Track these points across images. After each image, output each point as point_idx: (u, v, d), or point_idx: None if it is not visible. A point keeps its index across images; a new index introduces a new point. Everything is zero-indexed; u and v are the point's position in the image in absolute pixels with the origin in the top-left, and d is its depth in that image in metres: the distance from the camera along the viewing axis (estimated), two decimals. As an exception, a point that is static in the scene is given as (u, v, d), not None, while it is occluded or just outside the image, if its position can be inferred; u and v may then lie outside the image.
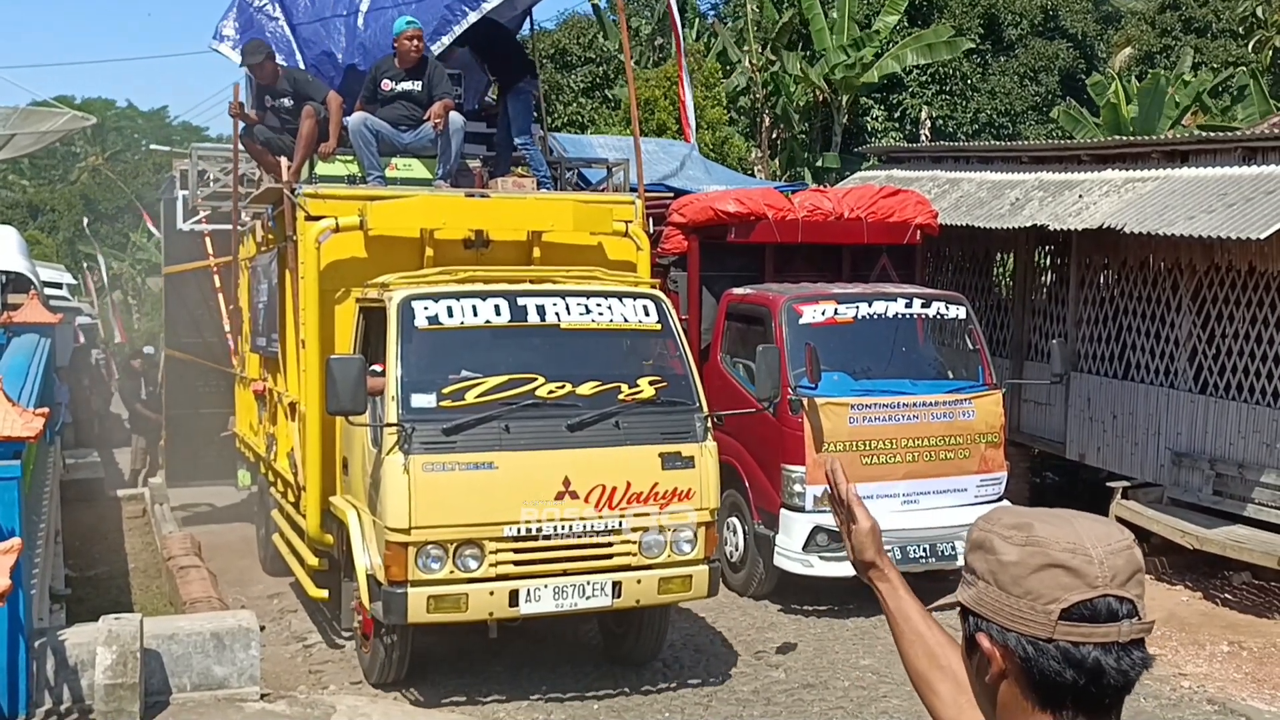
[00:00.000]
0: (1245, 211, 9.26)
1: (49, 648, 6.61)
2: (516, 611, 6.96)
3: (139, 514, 13.67)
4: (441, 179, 8.96)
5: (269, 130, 9.32)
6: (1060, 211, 11.22)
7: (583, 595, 7.05)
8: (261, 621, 8.39)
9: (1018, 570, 1.54)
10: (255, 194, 9.75)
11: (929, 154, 15.51)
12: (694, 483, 7.23)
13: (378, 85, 9.16)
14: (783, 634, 8.92)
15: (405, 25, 9.03)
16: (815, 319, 9.57)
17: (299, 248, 8.15)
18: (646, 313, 7.59)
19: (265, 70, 9.24)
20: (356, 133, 8.88)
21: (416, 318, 7.12)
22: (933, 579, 9.80)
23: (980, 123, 27.76)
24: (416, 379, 7.02)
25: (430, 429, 6.85)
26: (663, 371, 7.58)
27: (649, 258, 8.83)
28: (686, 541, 7.25)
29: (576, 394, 7.18)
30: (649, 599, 7.26)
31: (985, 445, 9.66)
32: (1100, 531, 1.59)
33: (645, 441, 7.18)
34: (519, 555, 6.92)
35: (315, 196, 8.23)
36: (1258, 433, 10.25)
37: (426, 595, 6.76)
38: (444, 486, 6.80)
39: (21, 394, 7.64)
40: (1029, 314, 13.37)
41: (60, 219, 49.08)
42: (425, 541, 6.76)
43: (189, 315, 13.71)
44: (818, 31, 25.50)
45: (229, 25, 9.87)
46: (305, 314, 8.09)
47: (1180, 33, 28.02)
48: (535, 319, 7.33)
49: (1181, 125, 22.04)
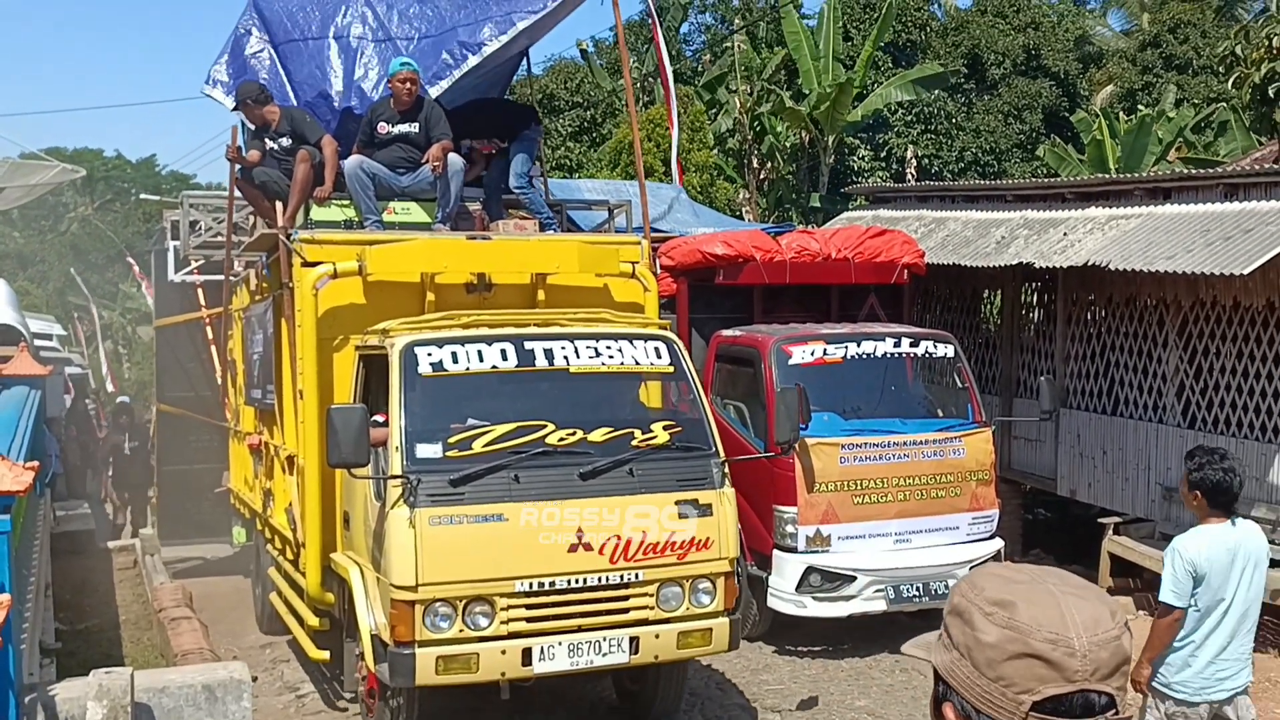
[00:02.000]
0: (1228, 247, 9.34)
1: (39, 703, 6.56)
2: (530, 671, 6.63)
3: (130, 565, 13.60)
4: (441, 222, 8.81)
5: (266, 172, 9.18)
6: (1046, 249, 11.31)
7: (599, 652, 6.71)
8: (254, 672, 8.34)
9: (994, 653, 1.48)
10: (250, 241, 9.58)
11: (915, 193, 15.63)
12: (712, 531, 6.91)
13: (374, 128, 9.05)
14: (778, 675, 8.89)
15: (399, 67, 8.91)
16: (805, 359, 9.60)
17: (295, 295, 7.93)
18: (658, 355, 7.33)
19: (256, 114, 9.16)
20: (353, 176, 8.75)
21: (420, 364, 6.86)
22: (925, 618, 9.80)
23: (965, 161, 28.02)
24: (421, 428, 6.75)
25: (436, 480, 6.55)
26: (676, 415, 7.34)
27: (656, 299, 8.61)
28: (705, 593, 6.93)
29: (588, 441, 6.88)
30: (668, 654, 6.95)
31: (976, 483, 9.68)
32: (1088, 616, 1.49)
33: (661, 489, 6.87)
34: (531, 612, 6.60)
35: (311, 241, 8.02)
36: (1247, 467, 10.27)
37: (435, 656, 6.44)
38: (452, 541, 6.49)
39: (11, 447, 7.63)
40: (1017, 351, 13.43)
41: (50, 269, 49.09)
42: (433, 599, 6.44)
43: (181, 368, 13.49)
44: (804, 72, 25.78)
45: (221, 69, 9.77)
46: (303, 363, 7.85)
47: (1161, 70, 28.34)
48: (543, 363, 7.04)
49: (1166, 161, 22.26)
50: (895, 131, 28.06)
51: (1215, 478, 5.40)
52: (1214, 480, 5.40)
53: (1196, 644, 5.37)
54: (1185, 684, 5.38)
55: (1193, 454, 5.63)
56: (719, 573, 6.96)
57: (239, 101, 9.23)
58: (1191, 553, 5.36)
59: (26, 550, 8.38)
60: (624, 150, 23.21)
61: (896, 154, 27.67)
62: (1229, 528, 5.43)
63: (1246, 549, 5.44)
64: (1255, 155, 16.84)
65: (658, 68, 13.82)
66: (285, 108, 9.38)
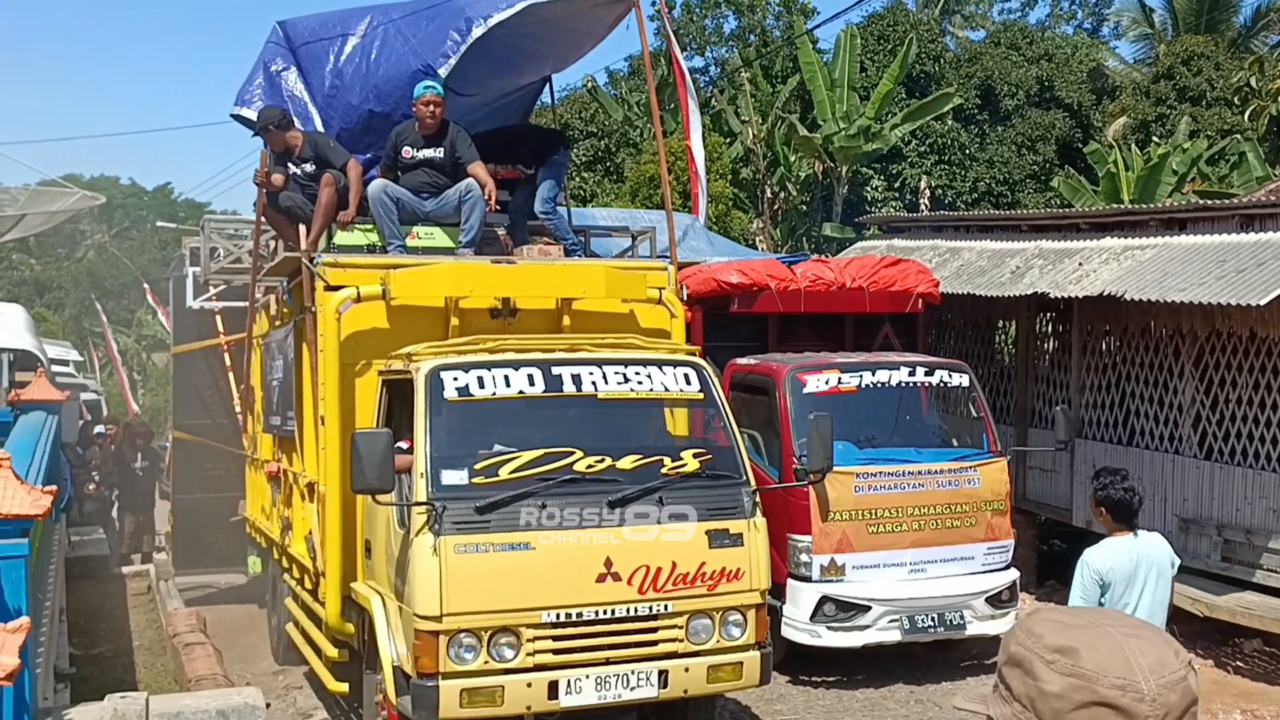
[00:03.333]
0: (1244, 278, 9.34)
1: (54, 727, 6.58)
2: (556, 705, 6.44)
3: (144, 590, 13.62)
4: (465, 247, 8.70)
5: (291, 197, 9.11)
6: (1060, 279, 11.31)
7: (626, 685, 6.53)
8: (267, 698, 8.31)
9: (1060, 704, 1.42)
10: (272, 264, 9.51)
11: (929, 223, 15.66)
12: (743, 562, 6.75)
13: (398, 153, 8.93)
14: (792, 705, 8.85)
15: (423, 90, 8.74)
16: (819, 388, 9.60)
17: (318, 319, 7.83)
18: (688, 381, 7.19)
19: (278, 139, 9.09)
20: (377, 200, 8.63)
21: (446, 389, 6.71)
22: (940, 648, 9.76)
23: (979, 192, 28.06)
24: (446, 454, 6.58)
25: (462, 508, 6.39)
26: (706, 443, 7.19)
27: (683, 325, 8.49)
28: (736, 625, 6.76)
29: (616, 468, 6.71)
30: (697, 688, 6.77)
31: (991, 513, 9.65)
32: (1153, 658, 1.44)
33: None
34: (558, 643, 6.43)
35: (335, 265, 7.91)
36: (1264, 498, 10.23)
37: (459, 688, 6.26)
38: (477, 570, 6.33)
39: (29, 471, 7.67)
40: (1032, 381, 13.41)
41: (67, 296, 49.43)
42: (458, 630, 6.28)
43: (198, 395, 13.35)
44: (819, 103, 25.91)
45: (253, 91, 9.69)
46: (325, 388, 7.71)
47: (1175, 101, 28.36)
48: (571, 389, 6.87)
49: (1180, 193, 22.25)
50: (909, 162, 28.13)
51: (1117, 496, 6.08)
52: (1116, 498, 6.08)
53: None
54: None
55: (1098, 474, 6.27)
56: (750, 604, 6.81)
57: (261, 127, 9.16)
58: (1098, 563, 5.99)
59: (42, 574, 8.41)
60: (645, 183, 23.32)
61: (910, 184, 27.72)
62: (1132, 539, 6.10)
63: (1149, 558, 6.07)
64: (1271, 186, 16.83)
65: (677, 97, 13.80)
66: (309, 133, 9.30)
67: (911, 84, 28.74)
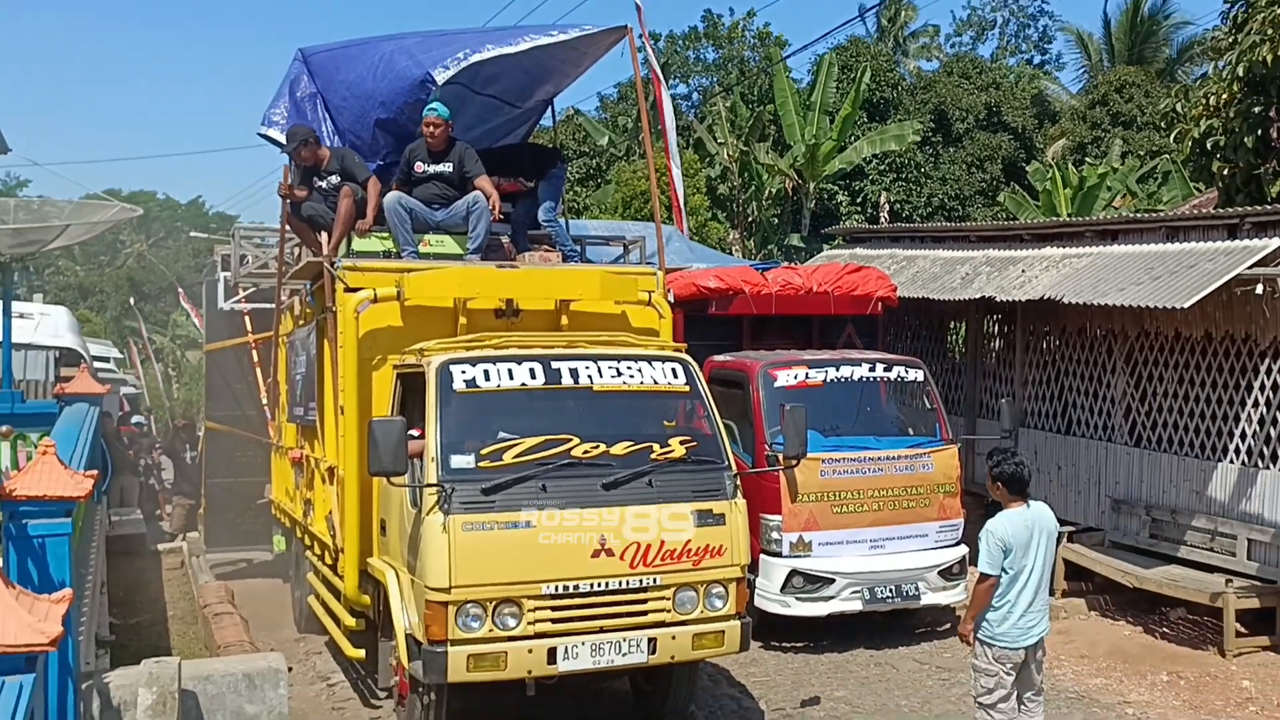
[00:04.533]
0: (1170, 283, 9.36)
1: (95, 690, 6.53)
2: (554, 669, 6.45)
3: (178, 566, 13.54)
4: (472, 254, 8.66)
5: (314, 207, 9.06)
6: (1006, 284, 11.33)
7: (619, 652, 6.54)
8: (289, 663, 8.30)
9: None
10: (296, 268, 9.49)
11: (888, 234, 15.67)
12: (725, 539, 6.75)
13: (411, 168, 8.89)
14: (764, 669, 8.85)
15: (427, 112, 8.73)
16: (789, 382, 9.61)
17: (338, 318, 7.82)
18: (675, 375, 7.19)
19: (303, 155, 9.02)
20: (392, 211, 8.61)
21: (455, 381, 6.73)
22: (898, 616, 9.78)
23: (933, 206, 28.16)
24: (455, 440, 6.59)
25: (469, 489, 6.40)
26: (692, 431, 7.12)
27: (671, 325, 8.43)
28: (719, 597, 6.76)
29: (610, 454, 6.71)
30: (683, 655, 6.77)
31: (943, 495, 9.66)
32: None
33: (678, 499, 6.70)
34: (556, 613, 6.43)
35: (354, 269, 7.92)
36: (1188, 481, 10.28)
37: (466, 654, 6.28)
38: (483, 546, 6.33)
39: (72, 457, 7.61)
40: (980, 376, 13.44)
41: (108, 299, 49.18)
42: (465, 600, 6.29)
43: (228, 389, 13.30)
44: (788, 126, 25.94)
45: (278, 112, 9.60)
46: (344, 381, 7.72)
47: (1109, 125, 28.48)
48: (569, 381, 6.89)
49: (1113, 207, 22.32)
50: (870, 179, 28.21)
51: (1010, 470, 6.25)
52: (1010, 473, 6.25)
53: (1011, 603, 6.14)
54: (1006, 635, 6.16)
55: (991, 454, 6.43)
56: (731, 578, 6.80)
57: (291, 144, 9.10)
58: (1001, 531, 6.15)
59: (85, 551, 8.35)
60: (634, 198, 23.31)
61: (871, 199, 27.80)
62: (1026, 509, 6.26)
63: (1041, 524, 6.26)
64: (1194, 202, 16.90)
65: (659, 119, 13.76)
66: (335, 149, 9.23)
67: (873, 109, 28.81)
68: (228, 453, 13.44)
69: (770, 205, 27.30)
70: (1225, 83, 11.96)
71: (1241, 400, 9.81)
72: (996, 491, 6.35)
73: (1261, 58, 11.23)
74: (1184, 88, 16.63)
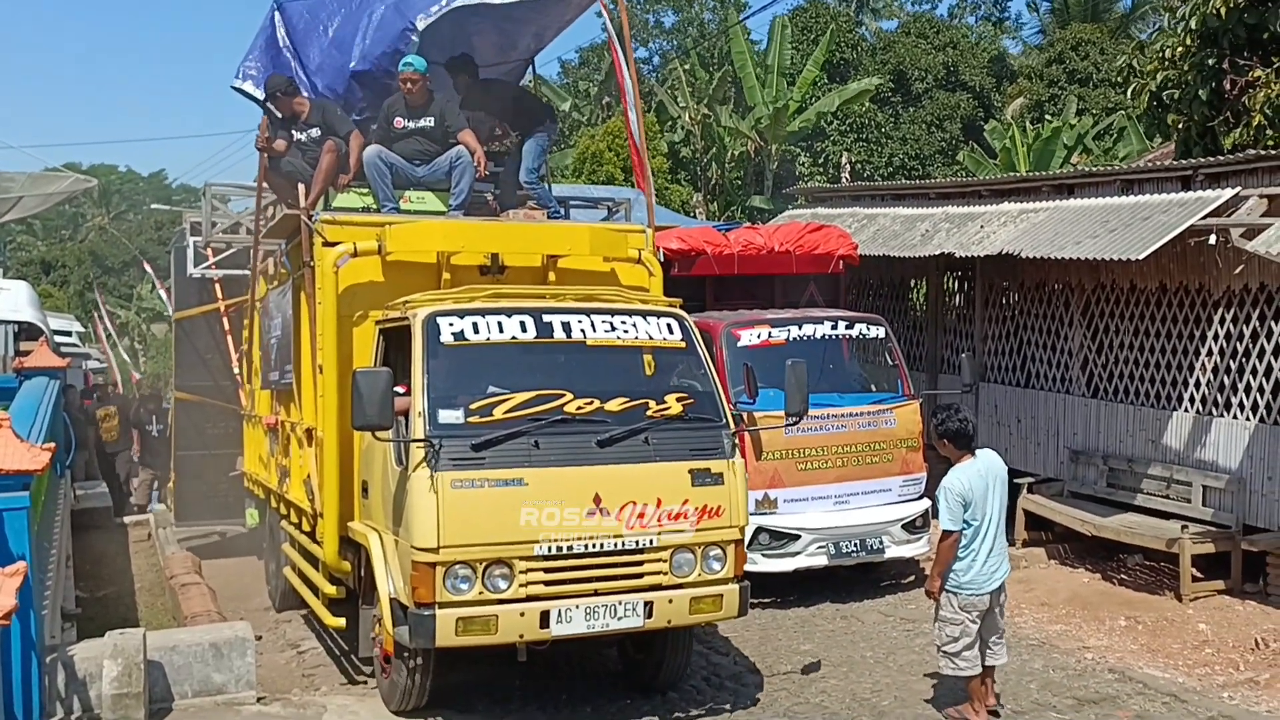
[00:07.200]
0: (1125, 235, 9.38)
1: (59, 663, 6.44)
2: (547, 633, 6.18)
3: (144, 538, 13.40)
4: (455, 210, 8.37)
5: (293, 161, 8.76)
6: (965, 240, 11.32)
7: (614, 616, 6.27)
8: (258, 631, 8.21)
9: None
10: (273, 223, 9.08)
11: (849, 193, 15.62)
12: (724, 500, 6.49)
13: (390, 123, 8.59)
14: (732, 625, 8.81)
15: (403, 68, 8.44)
16: (752, 341, 9.57)
17: (316, 273, 7.46)
18: (670, 330, 6.90)
19: (285, 105, 8.74)
20: (371, 165, 8.31)
21: (442, 333, 6.42)
22: (863, 570, 9.82)
23: (894, 165, 28.14)
24: (443, 395, 6.27)
25: (458, 445, 6.08)
26: (689, 388, 6.84)
27: (661, 282, 8.12)
28: (717, 560, 6.50)
29: (605, 410, 6.42)
30: (680, 619, 6.49)
31: (906, 450, 9.69)
32: None
33: (675, 458, 6.43)
34: (549, 575, 6.14)
35: (332, 222, 7.54)
36: (1143, 431, 10.36)
37: (455, 617, 5.99)
38: (473, 504, 6.03)
39: (31, 431, 7.46)
40: (941, 332, 13.47)
41: (70, 274, 48.39)
42: (454, 561, 5.98)
43: (199, 358, 12.90)
44: (749, 89, 25.76)
45: (253, 65, 9.25)
46: (323, 339, 7.38)
47: (1065, 83, 28.49)
48: (561, 335, 6.60)
49: (1070, 164, 22.37)
50: (831, 140, 28.13)
51: (955, 426, 6.38)
52: (954, 428, 6.39)
53: (975, 551, 6.31)
54: (972, 582, 6.33)
55: (935, 413, 6.55)
56: (729, 540, 6.55)
57: (268, 94, 8.79)
58: (959, 487, 6.28)
59: (48, 525, 8.22)
60: (589, 160, 23.09)
61: (833, 160, 27.75)
62: (974, 461, 6.39)
63: (993, 471, 6.41)
64: (1150, 155, 16.96)
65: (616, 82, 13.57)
66: (316, 100, 8.91)
67: (833, 70, 28.68)
68: (198, 424, 13.12)
69: (733, 168, 27.17)
70: (1179, 36, 11.94)
71: (1195, 350, 9.88)
72: (944, 448, 6.46)
73: (1215, 9, 11.21)
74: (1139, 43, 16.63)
